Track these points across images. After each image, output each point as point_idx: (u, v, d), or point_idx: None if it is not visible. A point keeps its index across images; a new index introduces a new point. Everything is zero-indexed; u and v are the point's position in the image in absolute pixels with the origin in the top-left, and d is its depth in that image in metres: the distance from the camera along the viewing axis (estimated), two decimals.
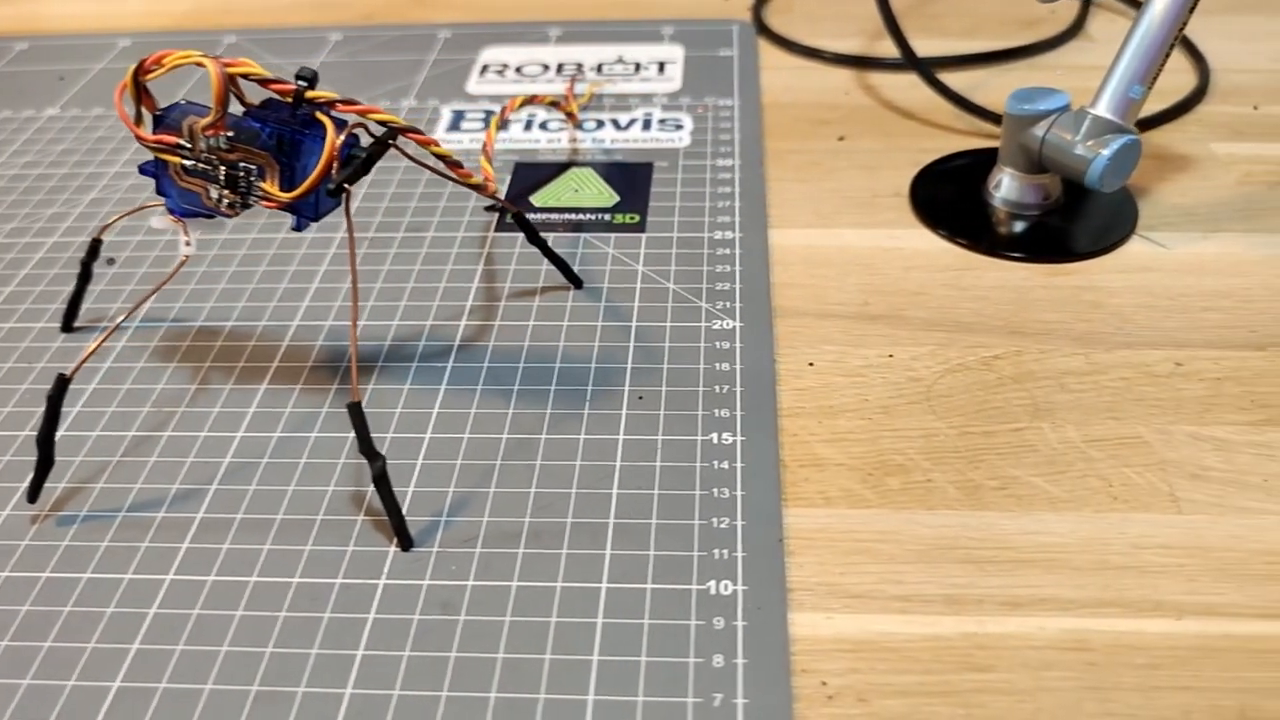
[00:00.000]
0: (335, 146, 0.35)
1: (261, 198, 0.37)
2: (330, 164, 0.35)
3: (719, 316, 0.43)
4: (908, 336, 0.42)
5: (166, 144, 0.37)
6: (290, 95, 0.36)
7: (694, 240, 0.47)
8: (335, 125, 0.36)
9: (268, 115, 0.36)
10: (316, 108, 0.36)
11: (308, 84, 0.36)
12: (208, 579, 0.35)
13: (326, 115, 0.36)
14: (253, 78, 0.36)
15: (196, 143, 0.37)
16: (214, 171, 0.37)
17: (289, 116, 0.36)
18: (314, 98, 0.36)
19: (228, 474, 0.38)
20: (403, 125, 0.37)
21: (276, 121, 0.36)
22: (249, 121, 0.36)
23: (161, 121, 0.38)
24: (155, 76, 0.37)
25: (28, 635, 0.33)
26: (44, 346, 0.44)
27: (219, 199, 0.38)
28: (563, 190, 0.51)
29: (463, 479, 0.37)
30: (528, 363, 0.42)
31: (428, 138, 0.37)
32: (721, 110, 0.57)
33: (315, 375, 0.42)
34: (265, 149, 0.36)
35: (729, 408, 0.39)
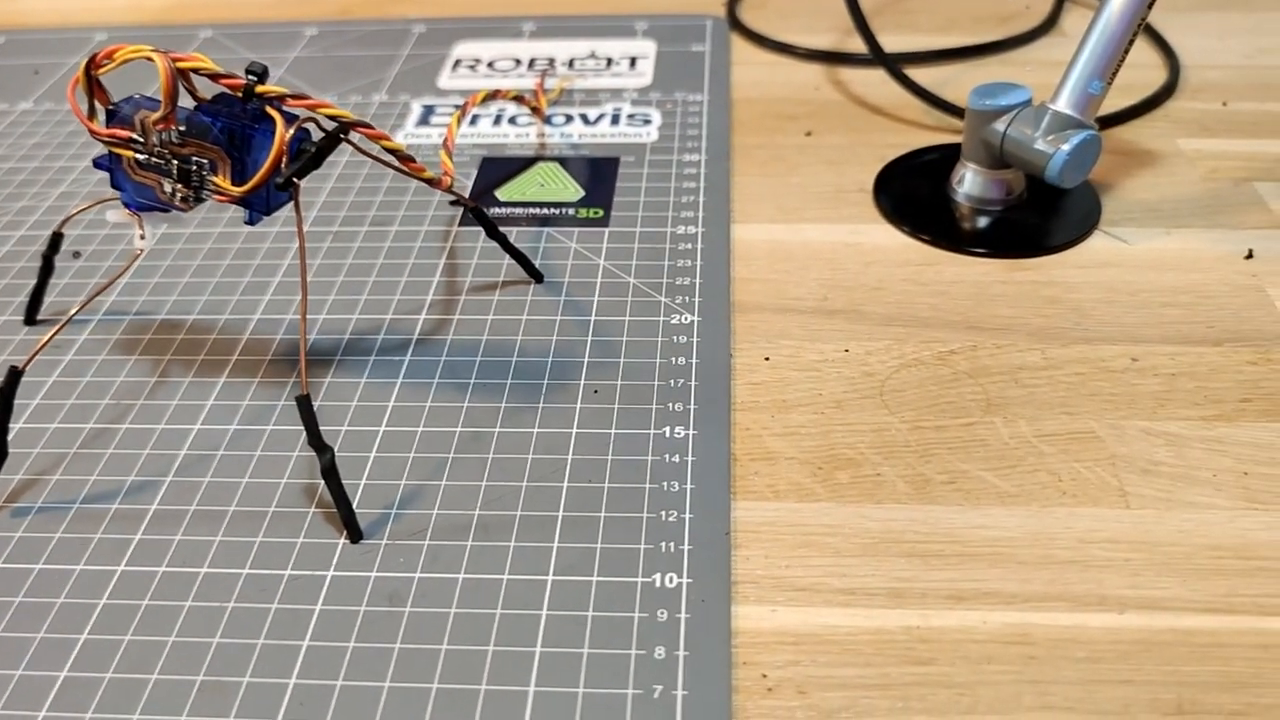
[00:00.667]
0: (284, 141, 0.35)
1: (214, 191, 0.37)
2: (280, 158, 0.36)
3: (677, 311, 0.43)
4: (865, 332, 0.42)
5: (119, 138, 0.37)
6: (240, 90, 0.36)
7: (657, 235, 0.48)
8: (285, 120, 0.36)
9: (219, 110, 0.37)
10: (266, 102, 0.36)
11: (257, 79, 0.36)
12: (158, 570, 0.35)
13: (276, 110, 0.36)
14: (203, 72, 0.36)
15: (149, 137, 0.37)
16: (166, 165, 0.37)
17: (240, 111, 0.36)
18: (264, 92, 0.36)
19: (183, 466, 0.38)
20: (352, 120, 0.37)
21: (228, 116, 0.36)
22: (200, 116, 0.36)
23: (114, 116, 0.38)
24: (107, 71, 0.37)
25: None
26: (6, 339, 0.44)
27: (172, 193, 0.38)
28: (528, 184, 0.51)
29: (415, 472, 0.37)
30: (485, 356, 0.42)
31: (378, 132, 0.37)
32: (690, 105, 0.57)
33: (274, 368, 0.42)
34: (216, 143, 0.36)
35: (683, 401, 0.39)
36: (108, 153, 0.38)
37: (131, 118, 0.37)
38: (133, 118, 0.37)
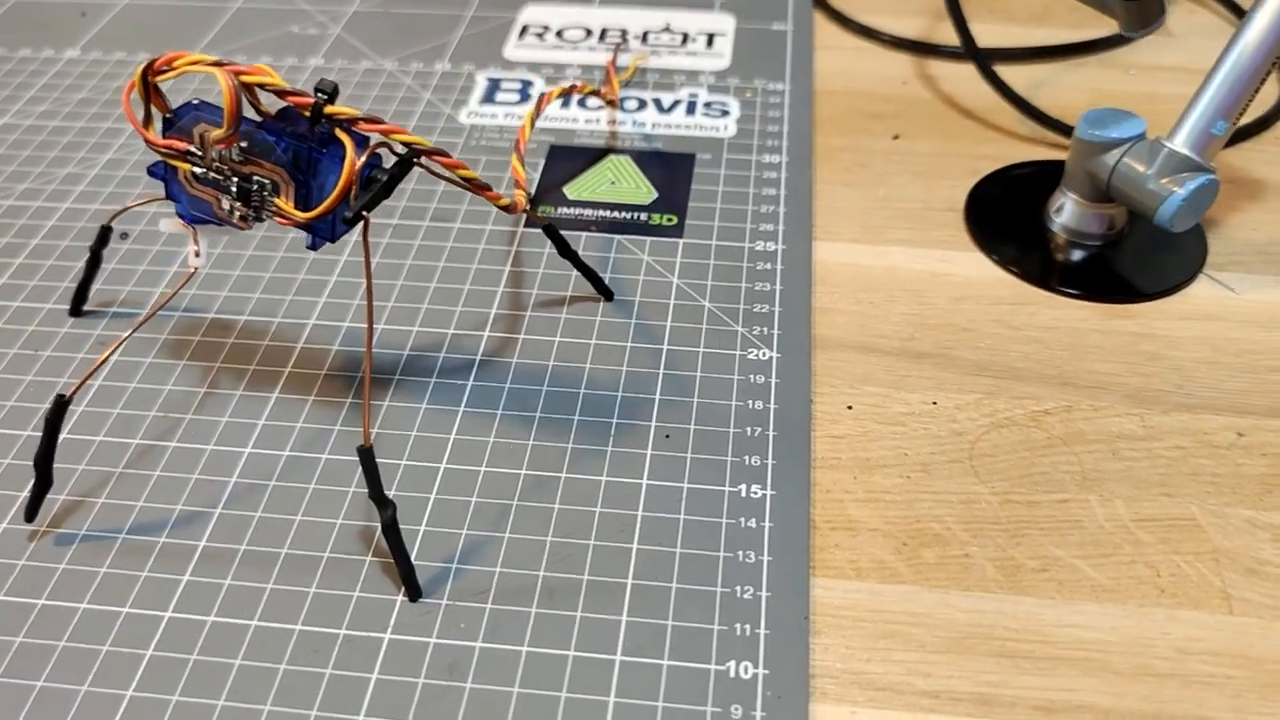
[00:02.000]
0: (355, 168, 0.33)
1: (275, 214, 0.35)
2: (349, 186, 0.33)
3: (755, 345, 0.41)
4: (954, 381, 0.40)
5: (176, 150, 0.35)
6: (308, 109, 0.33)
7: (733, 250, 0.45)
8: (356, 144, 0.33)
9: (284, 128, 0.34)
10: (336, 124, 0.33)
11: (327, 98, 0.33)
12: (207, 620, 0.33)
13: (347, 133, 0.33)
14: (269, 88, 0.33)
15: (208, 152, 0.34)
16: (225, 182, 0.35)
17: (306, 131, 0.34)
18: (334, 114, 0.33)
19: (233, 497, 0.36)
20: (427, 148, 0.34)
21: (293, 135, 0.34)
22: (263, 135, 0.34)
23: (172, 125, 0.35)
24: (166, 79, 0.34)
25: (21, 671, 0.32)
26: (51, 331, 0.42)
27: (230, 210, 0.35)
28: (598, 181, 0.48)
29: (477, 520, 0.36)
30: (551, 385, 0.40)
31: (454, 160, 0.35)
32: (771, 96, 0.54)
33: (330, 385, 0.40)
34: (279, 164, 0.34)
35: (760, 455, 0.37)
36: (163, 161, 0.36)
37: (190, 129, 0.35)
38: (191, 129, 0.35)
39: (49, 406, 0.35)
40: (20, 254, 0.46)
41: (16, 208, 0.48)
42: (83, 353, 0.41)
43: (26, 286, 0.44)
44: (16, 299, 0.44)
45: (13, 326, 0.43)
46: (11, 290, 0.44)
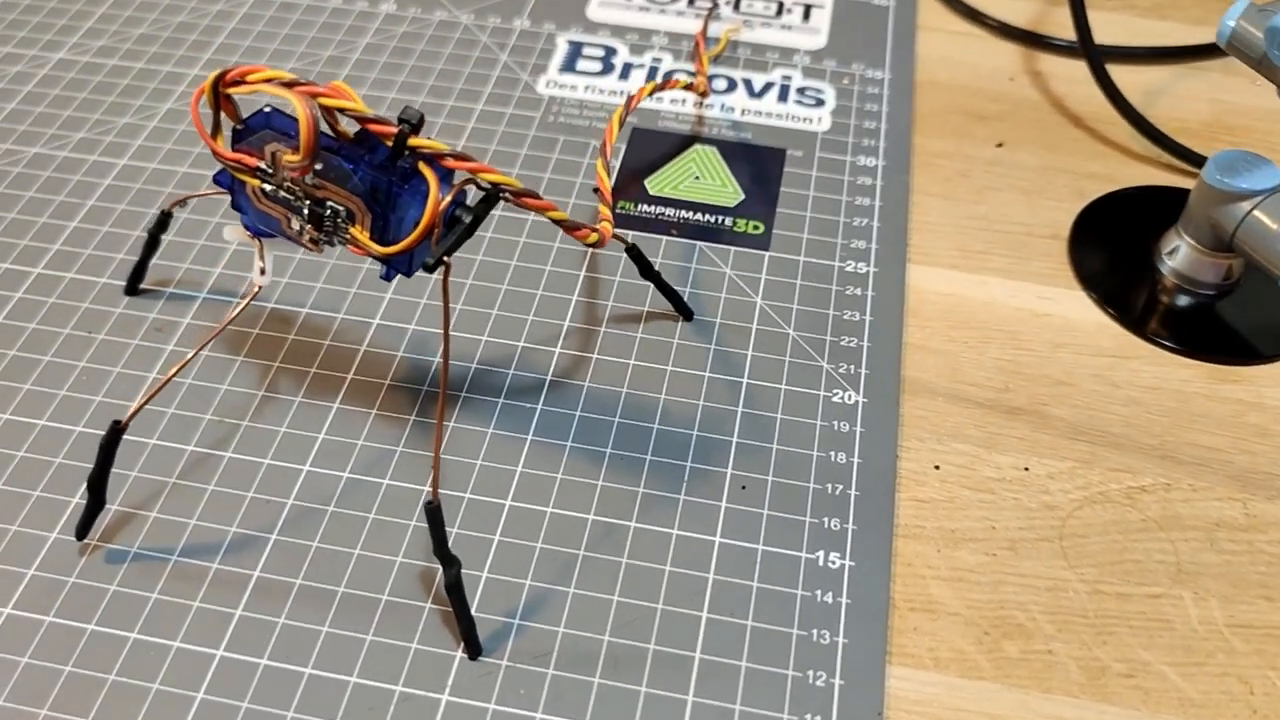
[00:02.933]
0: (439, 208, 0.31)
1: (349, 243, 0.32)
2: (432, 227, 0.31)
3: (841, 385, 0.39)
4: (1048, 444, 0.38)
5: (246, 166, 0.32)
6: (391, 139, 0.31)
7: (822, 270, 0.42)
8: (440, 180, 0.31)
9: (361, 155, 0.32)
10: (420, 158, 0.31)
11: (411, 128, 0.31)
12: (260, 663, 0.32)
13: (431, 167, 0.31)
14: (350, 113, 0.31)
15: (279, 171, 0.32)
16: (297, 204, 0.32)
17: (386, 160, 0.31)
18: (418, 147, 0.31)
19: (289, 522, 0.35)
20: (517, 189, 0.31)
21: (371, 165, 0.31)
22: (340, 161, 0.31)
23: (243, 136, 0.33)
24: (237, 92, 0.32)
25: (68, 706, 0.31)
26: (106, 311, 0.41)
27: (300, 230, 0.33)
28: (682, 175, 0.46)
29: (541, 569, 0.34)
30: (624, 418, 0.38)
31: (544, 202, 0.32)
32: (869, 85, 0.50)
33: (393, 398, 0.38)
34: (356, 193, 0.32)
35: (840, 518, 0.36)
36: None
37: (262, 145, 0.32)
38: (263, 146, 0.32)
39: (105, 433, 0.33)
40: (75, 216, 0.44)
41: (71, 161, 0.46)
42: (138, 338, 0.40)
43: (80, 256, 0.42)
44: (70, 269, 0.42)
45: (66, 302, 0.41)
46: (65, 260, 0.42)
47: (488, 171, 0.31)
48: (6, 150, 0.46)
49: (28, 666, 0.32)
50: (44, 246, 0.43)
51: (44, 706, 0.31)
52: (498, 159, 0.46)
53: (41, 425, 0.37)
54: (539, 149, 0.47)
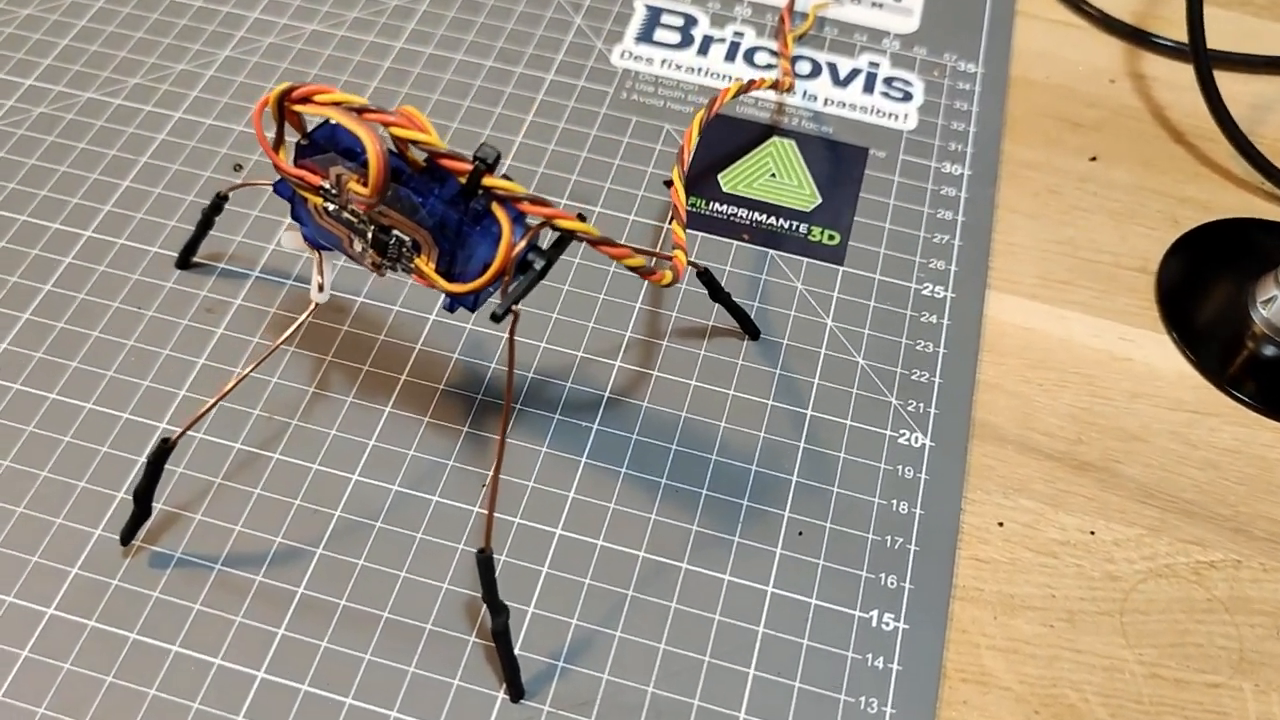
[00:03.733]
0: (511, 256, 0.29)
1: (414, 273, 0.31)
2: (503, 271, 0.29)
3: (909, 425, 0.37)
4: (1117, 507, 0.36)
5: (309, 184, 0.31)
6: (464, 176, 0.29)
7: (897, 292, 0.41)
8: (513, 222, 0.29)
9: (431, 187, 0.30)
10: (494, 199, 0.29)
11: (488, 167, 0.29)
12: (300, 688, 0.32)
13: (504, 209, 0.29)
14: (423, 146, 0.29)
15: (343, 193, 0.30)
16: (361, 227, 0.31)
17: (457, 195, 0.30)
18: (493, 188, 0.29)
19: (335, 536, 0.34)
20: (594, 236, 0.30)
21: (441, 198, 0.30)
22: (408, 193, 0.30)
23: (307, 152, 0.31)
24: (304, 110, 0.30)
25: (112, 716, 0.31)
26: (156, 285, 0.39)
27: (362, 252, 0.32)
28: (758, 171, 0.43)
29: (589, 609, 0.33)
30: (682, 445, 0.37)
31: (621, 249, 0.30)
32: (961, 79, 0.47)
33: (447, 405, 0.37)
34: (423, 226, 0.30)
35: (898, 574, 0.35)
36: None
37: (327, 165, 0.31)
38: (328, 166, 0.30)
39: (153, 448, 0.32)
40: (127, 174, 0.42)
41: (125, 110, 0.44)
42: (188, 318, 0.39)
43: (132, 221, 0.41)
44: (121, 234, 0.41)
45: (117, 272, 0.40)
46: (116, 224, 0.41)
47: (564, 218, 0.29)
48: (60, 93, 0.44)
49: (70, 674, 0.32)
50: (95, 207, 0.41)
51: (84, 718, 0.31)
52: (565, 139, 0.44)
53: (88, 409, 0.37)
54: (609, 129, 0.45)
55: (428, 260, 0.31)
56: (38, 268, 0.40)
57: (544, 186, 0.43)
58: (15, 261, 0.40)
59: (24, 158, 0.43)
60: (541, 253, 0.29)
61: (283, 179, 0.32)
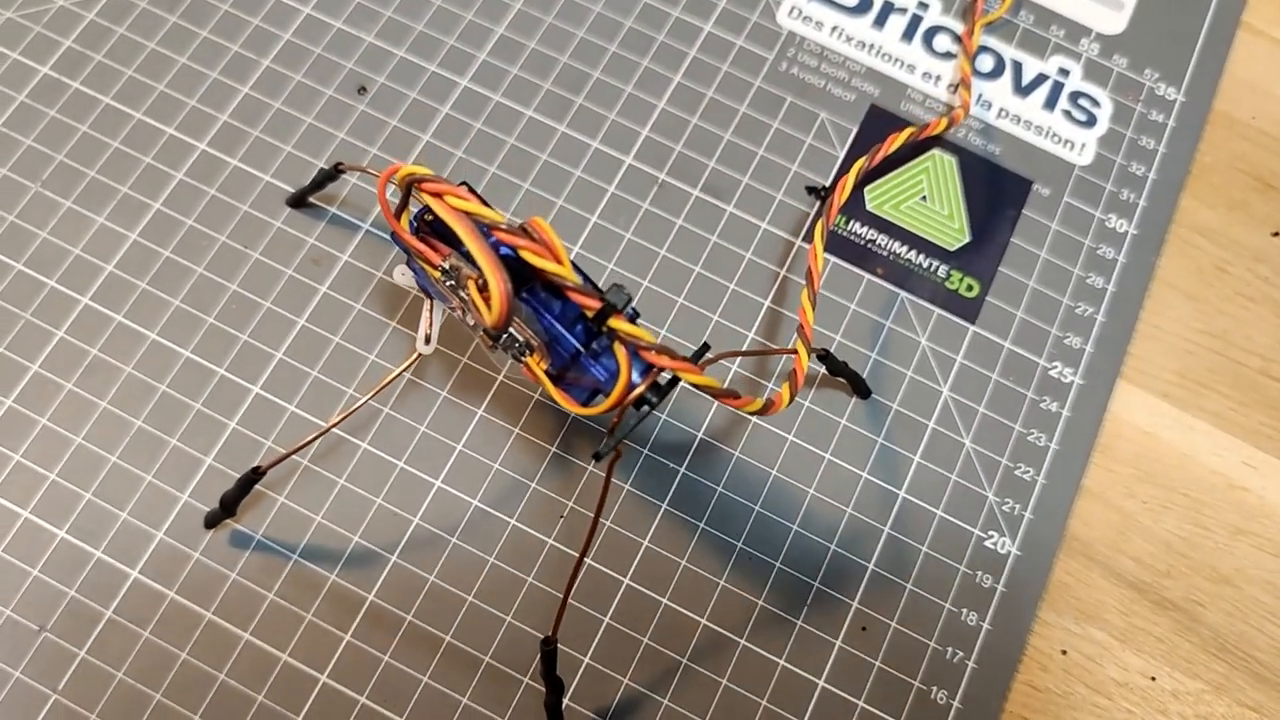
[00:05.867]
0: (625, 400, 0.28)
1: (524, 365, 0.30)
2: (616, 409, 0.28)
3: (998, 528, 0.36)
4: (1185, 655, 0.36)
5: (428, 258, 0.29)
6: (593, 313, 0.27)
7: (1025, 368, 0.38)
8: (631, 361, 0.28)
9: (551, 304, 0.28)
10: (618, 339, 0.28)
11: (615, 310, 0.27)
12: (359, 700, 0.33)
13: (626, 351, 0.28)
14: (555, 278, 0.27)
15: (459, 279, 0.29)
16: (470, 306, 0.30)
17: (575, 317, 0.28)
18: (618, 331, 0.27)
19: (411, 545, 0.35)
20: (717, 390, 0.28)
21: (561, 318, 0.28)
22: (528, 303, 0.28)
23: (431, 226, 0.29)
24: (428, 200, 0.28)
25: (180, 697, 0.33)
26: (265, 222, 0.38)
27: (474, 326, 0.30)
28: (909, 189, 0.40)
29: (642, 670, 0.34)
30: (765, 508, 0.36)
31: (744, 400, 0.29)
32: (1155, 108, 0.42)
33: (537, 420, 0.37)
34: (539, 337, 0.29)
35: (949, 690, 0.35)
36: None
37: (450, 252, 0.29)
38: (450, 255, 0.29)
39: (245, 473, 0.33)
40: (247, 79, 0.40)
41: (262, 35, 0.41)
42: (292, 269, 0.38)
43: (247, 139, 0.39)
44: (235, 153, 0.39)
45: (226, 199, 0.38)
46: (230, 139, 0.39)
47: (691, 373, 0.27)
48: None
49: (148, 643, 0.33)
50: (211, 115, 0.39)
51: (159, 690, 0.33)
52: (711, 112, 0.41)
53: (185, 358, 0.36)
54: (760, 108, 0.41)
55: (539, 360, 0.29)
56: (149, 180, 0.38)
57: (678, 169, 0.40)
58: (127, 168, 0.39)
59: (144, 39, 0.40)
60: (658, 389, 0.28)
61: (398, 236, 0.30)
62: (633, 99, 0.41)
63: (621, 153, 0.40)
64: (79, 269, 0.37)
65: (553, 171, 0.40)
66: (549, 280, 0.28)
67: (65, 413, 0.36)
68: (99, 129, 0.39)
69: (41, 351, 0.36)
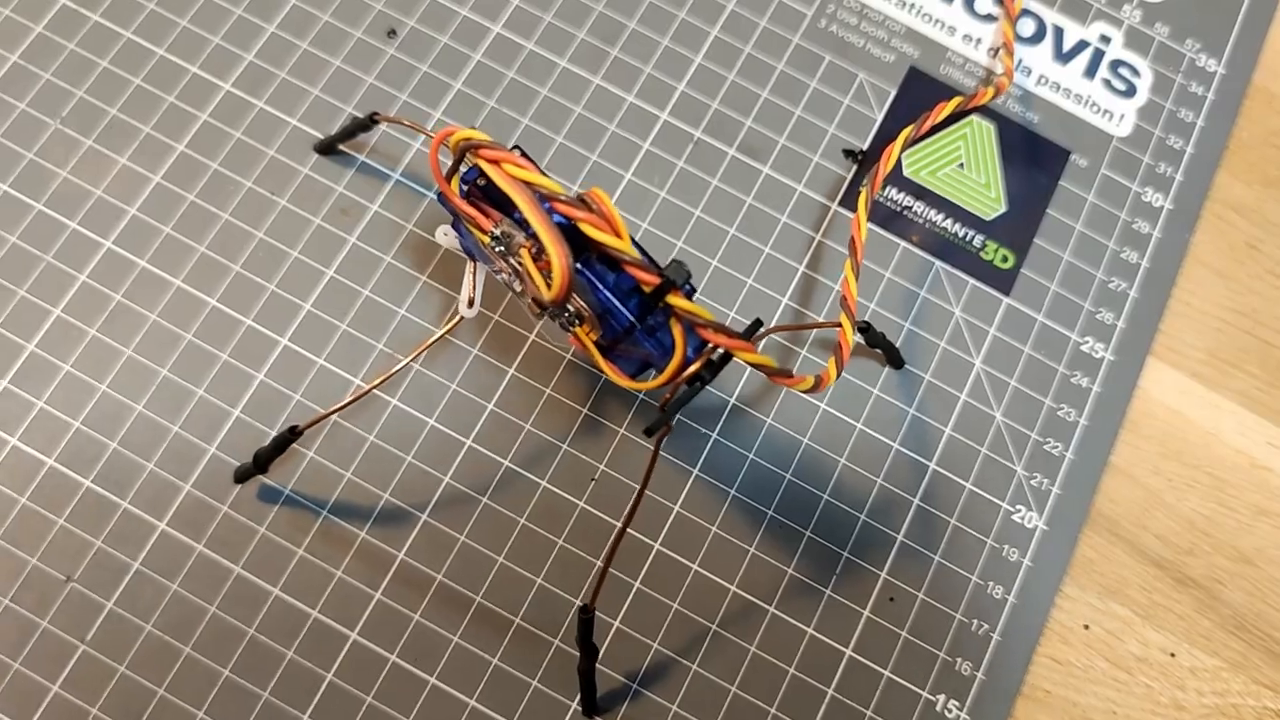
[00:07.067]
0: (680, 378, 0.28)
1: (572, 334, 0.29)
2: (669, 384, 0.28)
3: (1026, 503, 0.37)
4: (1204, 633, 0.36)
5: (478, 223, 0.29)
6: (650, 288, 0.27)
7: (1056, 341, 0.38)
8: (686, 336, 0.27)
9: (605, 275, 0.28)
10: (675, 317, 0.27)
11: (673, 286, 0.27)
12: (389, 658, 0.33)
13: (681, 328, 0.27)
14: (613, 252, 0.27)
15: (511, 247, 0.28)
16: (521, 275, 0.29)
17: (631, 292, 0.28)
18: (676, 307, 0.27)
19: (442, 504, 0.35)
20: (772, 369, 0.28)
21: (615, 290, 0.28)
22: (584, 274, 0.28)
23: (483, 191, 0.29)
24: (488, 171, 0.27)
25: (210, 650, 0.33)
26: (292, 168, 0.37)
27: (521, 294, 0.30)
28: (946, 156, 0.40)
29: (671, 635, 0.34)
30: (796, 476, 0.36)
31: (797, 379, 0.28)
32: (1195, 79, 0.42)
33: (570, 380, 0.36)
34: (591, 309, 0.28)
35: (973, 661, 0.35)
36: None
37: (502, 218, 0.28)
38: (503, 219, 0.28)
39: (281, 432, 0.32)
40: (274, 15, 0.39)
41: None
42: (320, 217, 0.37)
43: (274, 80, 0.38)
44: (261, 94, 0.38)
45: (252, 142, 0.37)
46: (256, 80, 0.38)
47: (745, 350, 0.27)
48: None
49: (176, 595, 0.33)
50: (238, 55, 0.38)
51: (188, 644, 0.33)
52: (748, 69, 0.40)
53: (211, 306, 0.36)
54: (798, 66, 0.40)
55: (589, 331, 0.29)
56: (172, 120, 0.37)
57: (714, 127, 0.39)
58: (150, 108, 0.37)
59: None
60: (712, 366, 0.28)
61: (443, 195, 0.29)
62: (669, 52, 0.40)
63: (657, 108, 0.39)
64: (101, 211, 0.36)
65: (587, 125, 0.39)
66: (605, 252, 0.27)
67: (89, 360, 0.35)
68: (120, 65, 0.38)
69: (64, 296, 0.35)
